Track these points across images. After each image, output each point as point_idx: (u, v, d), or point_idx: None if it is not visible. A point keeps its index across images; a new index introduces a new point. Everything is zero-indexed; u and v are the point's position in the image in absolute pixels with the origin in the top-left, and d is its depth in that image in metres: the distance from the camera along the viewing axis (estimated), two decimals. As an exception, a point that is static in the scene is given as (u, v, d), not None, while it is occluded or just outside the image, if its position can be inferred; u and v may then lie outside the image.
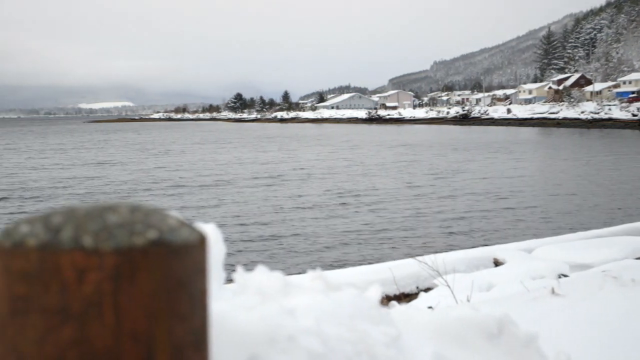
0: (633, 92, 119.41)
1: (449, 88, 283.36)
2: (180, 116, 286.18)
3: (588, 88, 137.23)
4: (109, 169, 40.36)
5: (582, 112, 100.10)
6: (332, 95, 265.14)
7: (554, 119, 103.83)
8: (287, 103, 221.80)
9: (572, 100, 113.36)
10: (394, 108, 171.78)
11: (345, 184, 29.89)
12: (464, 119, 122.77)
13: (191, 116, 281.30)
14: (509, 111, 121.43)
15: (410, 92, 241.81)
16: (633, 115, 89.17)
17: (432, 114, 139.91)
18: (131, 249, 0.77)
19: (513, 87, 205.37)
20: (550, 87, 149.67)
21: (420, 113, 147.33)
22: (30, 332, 0.77)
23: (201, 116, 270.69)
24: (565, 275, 8.60)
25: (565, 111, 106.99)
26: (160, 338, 0.78)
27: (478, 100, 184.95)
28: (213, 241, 1.32)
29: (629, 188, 27.53)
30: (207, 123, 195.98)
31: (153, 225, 0.80)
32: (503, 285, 8.26)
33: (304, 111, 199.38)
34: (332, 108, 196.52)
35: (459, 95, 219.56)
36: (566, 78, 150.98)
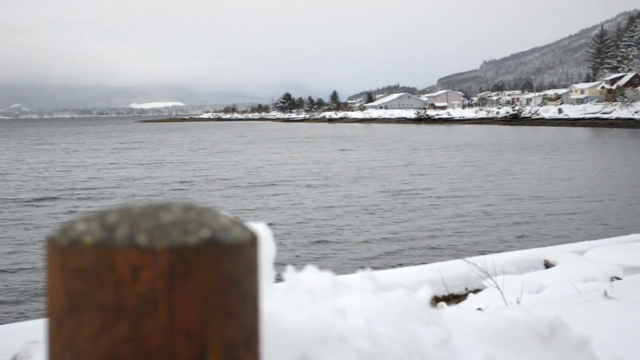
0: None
1: (499, 88, 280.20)
2: (229, 116, 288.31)
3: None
4: (161, 169, 40.85)
5: (636, 112, 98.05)
6: (381, 95, 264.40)
7: (607, 119, 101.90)
8: (336, 103, 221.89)
9: (626, 100, 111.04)
10: (443, 108, 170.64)
11: (395, 185, 29.80)
12: (514, 119, 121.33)
13: (240, 116, 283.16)
14: (560, 111, 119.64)
15: (459, 92, 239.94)
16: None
17: (482, 114, 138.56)
18: (185, 248, 0.78)
19: (565, 87, 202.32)
20: (602, 87, 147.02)
21: (469, 113, 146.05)
22: (86, 329, 0.79)
23: (250, 116, 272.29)
24: (618, 278, 8.45)
25: (618, 111, 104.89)
26: (213, 336, 0.79)
27: (528, 100, 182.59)
28: (263, 240, 1.32)
29: (685, 190, 26.96)
30: (256, 123, 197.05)
31: (206, 224, 0.81)
32: (554, 287, 8.14)
33: (353, 111, 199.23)
34: (381, 108, 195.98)
35: (509, 95, 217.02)
36: (619, 77, 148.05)
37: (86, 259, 0.79)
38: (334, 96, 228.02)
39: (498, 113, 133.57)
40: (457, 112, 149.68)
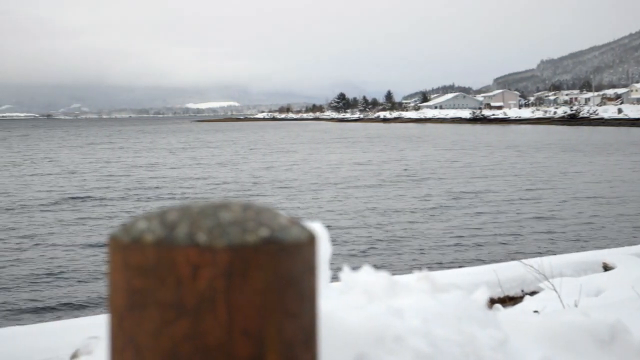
0: None
1: (557, 87, 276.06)
2: (284, 116, 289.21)
3: None
4: (219, 168, 41.19)
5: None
6: (436, 95, 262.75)
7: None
8: (390, 103, 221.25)
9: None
10: (499, 108, 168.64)
11: (452, 186, 29.57)
12: (572, 119, 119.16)
13: (295, 116, 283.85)
14: (620, 111, 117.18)
15: (515, 92, 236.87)
16: None
17: (539, 114, 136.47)
18: (244, 247, 0.78)
19: (625, 86, 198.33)
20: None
21: (526, 113, 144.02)
22: (147, 325, 0.80)
23: (304, 116, 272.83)
24: (679, 281, 8.25)
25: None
26: (270, 335, 0.79)
27: (587, 99, 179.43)
28: (320, 240, 1.32)
29: None
30: (311, 123, 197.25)
31: (265, 223, 0.82)
32: (613, 290, 7.98)
33: (407, 111, 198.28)
34: (436, 108, 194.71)
35: (567, 94, 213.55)
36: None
37: (147, 257, 0.80)
38: (389, 96, 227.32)
39: (555, 113, 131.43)
40: (514, 112, 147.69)
